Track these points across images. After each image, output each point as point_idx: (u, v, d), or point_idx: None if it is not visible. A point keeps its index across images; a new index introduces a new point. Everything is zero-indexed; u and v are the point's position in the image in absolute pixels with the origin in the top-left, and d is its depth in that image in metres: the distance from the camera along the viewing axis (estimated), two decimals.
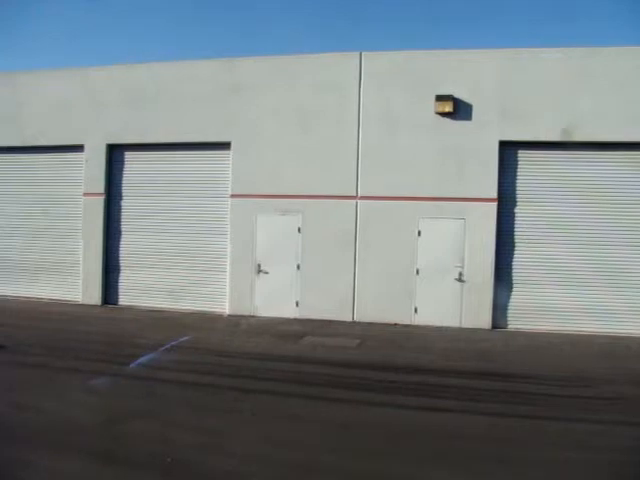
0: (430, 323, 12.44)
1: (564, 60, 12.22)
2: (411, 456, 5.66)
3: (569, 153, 12.25)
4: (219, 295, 13.88)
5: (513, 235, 12.51)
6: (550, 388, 8.06)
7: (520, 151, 12.49)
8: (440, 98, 12.42)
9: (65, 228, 15.05)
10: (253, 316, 13.33)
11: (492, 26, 36.55)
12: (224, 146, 13.75)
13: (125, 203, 14.67)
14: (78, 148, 14.75)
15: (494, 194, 12.36)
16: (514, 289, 12.48)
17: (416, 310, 12.65)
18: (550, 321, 12.21)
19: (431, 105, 12.52)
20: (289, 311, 13.23)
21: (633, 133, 11.83)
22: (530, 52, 12.42)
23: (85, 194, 14.71)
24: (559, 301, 12.21)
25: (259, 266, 13.47)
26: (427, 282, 12.62)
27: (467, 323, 12.41)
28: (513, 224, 12.52)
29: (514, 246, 12.49)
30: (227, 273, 13.75)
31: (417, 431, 6.35)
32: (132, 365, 8.95)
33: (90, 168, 14.64)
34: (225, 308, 13.74)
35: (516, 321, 12.42)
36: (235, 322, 12.81)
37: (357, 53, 13.10)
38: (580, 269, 12.19)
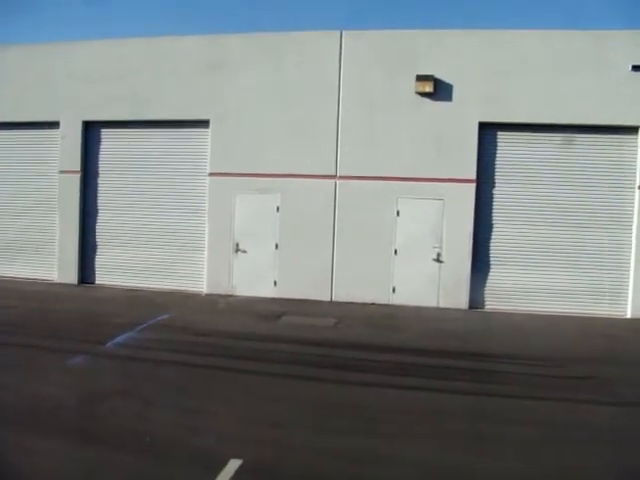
0: (408, 303, 12.52)
1: (545, 42, 12.25)
2: (386, 433, 5.73)
3: (546, 135, 12.34)
4: (197, 274, 13.82)
5: (491, 216, 12.60)
6: (524, 367, 8.21)
7: (499, 132, 12.53)
8: (420, 78, 12.37)
9: (41, 206, 14.78)
10: (231, 295, 13.30)
11: (475, 6, 36.30)
12: (203, 124, 13.58)
13: (102, 181, 14.46)
14: (54, 125, 14.47)
15: (473, 175, 12.42)
16: (491, 270, 12.61)
17: (394, 290, 12.73)
18: (526, 302, 12.38)
19: (411, 85, 12.47)
20: (267, 290, 13.23)
21: (610, 117, 11.94)
22: (512, 34, 12.41)
23: (61, 172, 14.47)
24: (536, 282, 12.37)
25: (237, 245, 13.43)
26: (405, 262, 12.68)
27: (444, 303, 12.53)
28: (491, 205, 12.60)
29: (492, 227, 12.59)
30: (205, 252, 13.68)
31: (392, 409, 6.43)
32: (109, 344, 8.90)
33: (66, 145, 14.38)
34: (203, 287, 13.69)
35: (493, 301, 12.56)
36: (213, 301, 12.79)
37: (337, 32, 12.97)
38: (557, 251, 12.35)
